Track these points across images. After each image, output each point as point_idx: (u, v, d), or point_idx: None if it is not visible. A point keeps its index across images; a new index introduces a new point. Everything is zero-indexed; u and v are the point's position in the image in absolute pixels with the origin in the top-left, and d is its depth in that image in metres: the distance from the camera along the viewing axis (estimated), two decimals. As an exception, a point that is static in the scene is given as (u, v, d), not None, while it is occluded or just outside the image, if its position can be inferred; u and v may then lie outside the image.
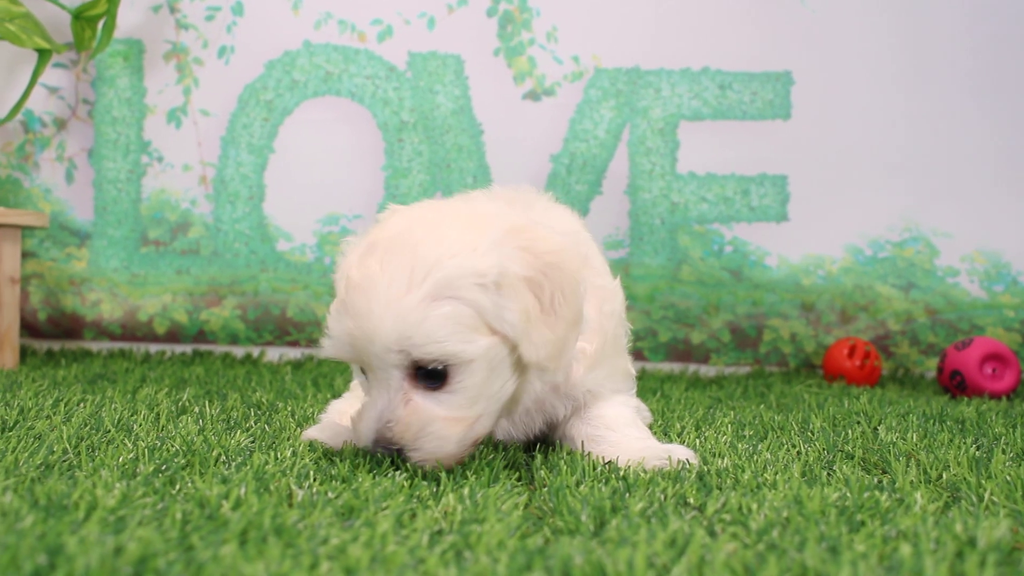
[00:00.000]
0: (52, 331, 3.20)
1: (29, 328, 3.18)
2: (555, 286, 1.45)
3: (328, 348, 1.47)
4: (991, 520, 1.18)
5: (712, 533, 1.13)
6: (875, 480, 1.43)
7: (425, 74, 3.17)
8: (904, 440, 1.77)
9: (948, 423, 2.02)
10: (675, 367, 3.19)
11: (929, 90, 3.18)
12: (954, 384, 2.73)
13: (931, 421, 2.04)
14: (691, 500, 1.28)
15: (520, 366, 1.48)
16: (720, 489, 1.34)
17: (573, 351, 1.57)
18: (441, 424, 1.42)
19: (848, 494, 1.31)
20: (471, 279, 1.40)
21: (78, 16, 2.91)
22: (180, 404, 1.98)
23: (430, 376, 1.42)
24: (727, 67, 3.18)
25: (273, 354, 3.20)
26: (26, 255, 3.13)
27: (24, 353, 2.97)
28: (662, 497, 1.29)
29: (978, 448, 1.71)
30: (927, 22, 3.18)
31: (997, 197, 3.17)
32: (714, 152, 3.17)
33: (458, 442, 1.43)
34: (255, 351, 3.20)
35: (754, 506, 1.23)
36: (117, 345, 3.20)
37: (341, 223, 3.16)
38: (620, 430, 1.61)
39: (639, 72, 3.17)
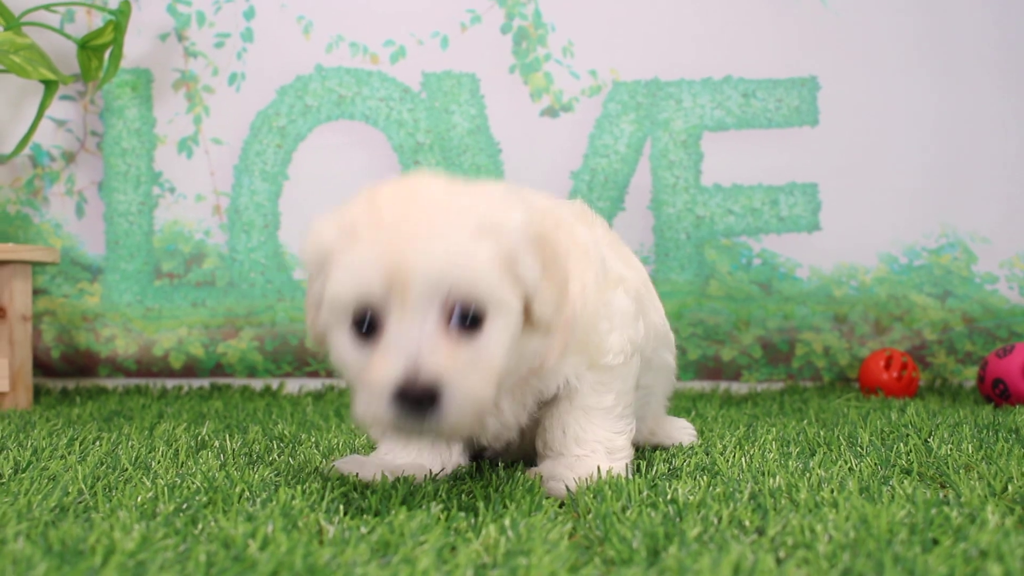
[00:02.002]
0: (66, 369, 3.15)
1: (42, 366, 3.12)
2: (550, 247, 1.38)
3: (345, 281, 1.29)
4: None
5: (778, 559, 1.05)
6: (940, 495, 1.35)
7: (440, 94, 3.12)
8: (960, 452, 1.69)
9: (1002, 433, 1.94)
10: (706, 385, 3.12)
11: (962, 90, 3.12)
12: (997, 393, 2.65)
13: (984, 431, 1.96)
14: (747, 523, 1.20)
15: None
16: (776, 510, 1.26)
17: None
18: (475, 372, 1.28)
19: (914, 511, 1.23)
20: (505, 225, 1.32)
21: (84, 46, 2.87)
22: (199, 439, 1.92)
23: (464, 322, 1.29)
24: (750, 75, 3.12)
25: (293, 385, 3.14)
26: (37, 292, 3.08)
27: (38, 392, 2.92)
28: (716, 520, 1.21)
29: (1040, 458, 1.63)
30: (957, 20, 3.12)
31: (1037, 199, 3.12)
32: (740, 162, 3.11)
33: (486, 399, 1.29)
34: (274, 383, 3.15)
35: (818, 527, 1.15)
36: (133, 381, 3.15)
37: (358, 249, 3.11)
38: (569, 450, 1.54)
39: (659, 83, 3.12)
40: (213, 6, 3.13)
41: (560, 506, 1.35)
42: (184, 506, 1.30)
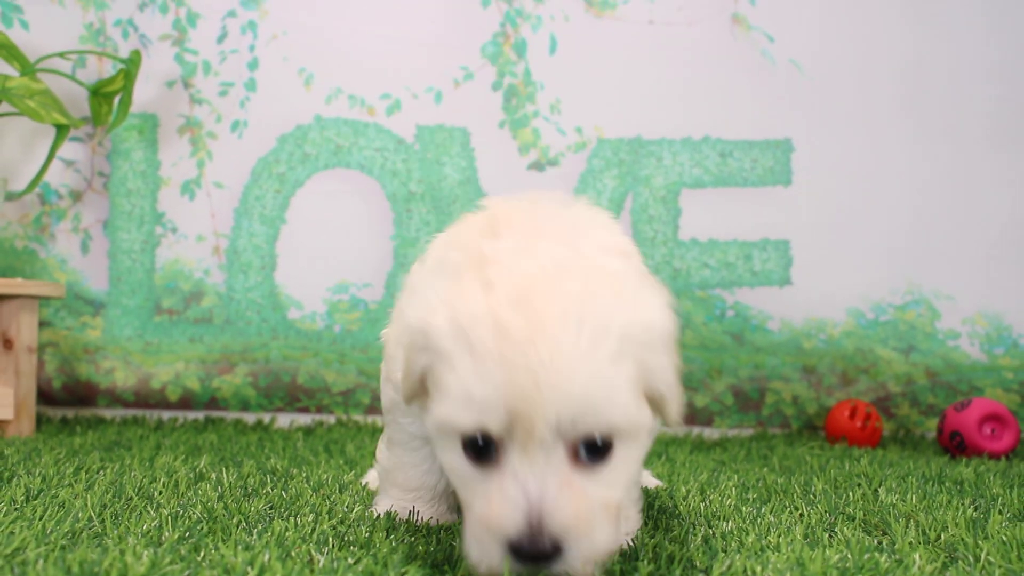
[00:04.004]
0: (67, 399, 3.24)
1: (44, 396, 3.22)
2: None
3: (459, 409, 1.13)
4: (986, 580, 1.23)
5: (718, 595, 1.18)
6: (875, 542, 1.48)
7: (432, 146, 3.25)
8: (904, 502, 1.82)
9: (947, 484, 2.06)
10: (679, 430, 3.22)
11: (929, 154, 3.25)
12: (954, 444, 2.77)
13: (930, 483, 2.08)
14: (698, 563, 1.32)
15: None
16: (725, 552, 1.38)
17: None
18: (602, 513, 1.14)
19: (849, 555, 1.35)
20: (646, 333, 1.18)
21: (96, 92, 2.99)
22: (197, 471, 2.02)
23: (592, 452, 1.15)
24: (728, 136, 3.25)
25: (284, 420, 3.23)
26: (42, 324, 3.18)
27: (39, 420, 3.01)
28: (668, 560, 1.33)
29: (976, 509, 1.75)
30: (927, 87, 3.26)
31: (999, 259, 3.24)
32: (716, 218, 3.24)
33: (613, 546, 1.17)
34: (266, 417, 3.24)
35: (758, 568, 1.27)
36: (130, 412, 3.24)
37: (351, 291, 3.22)
38: None
39: (641, 142, 3.25)
40: (218, 56, 3.25)
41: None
42: (187, 535, 1.41)
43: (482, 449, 1.14)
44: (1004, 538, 1.49)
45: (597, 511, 1.13)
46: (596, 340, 1.11)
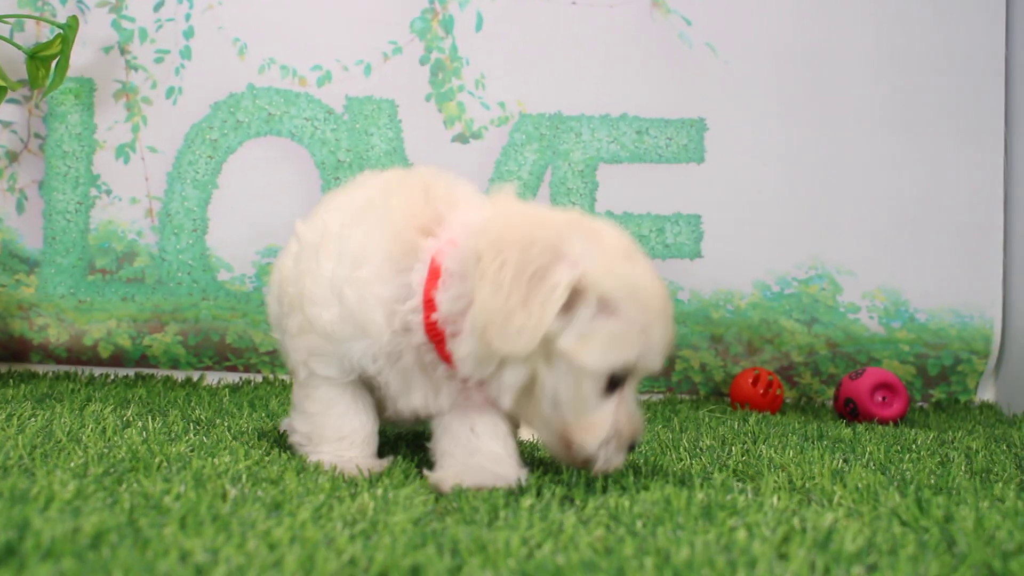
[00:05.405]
0: None
1: (-23, 351, 3.29)
2: None
3: (634, 352, 1.53)
4: (825, 514, 1.38)
5: (585, 523, 1.32)
6: (742, 486, 1.63)
7: (361, 117, 3.35)
8: (780, 455, 1.97)
9: (825, 442, 2.23)
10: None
11: (834, 136, 3.40)
12: (848, 411, 2.94)
13: (809, 440, 2.24)
14: (577, 501, 1.46)
15: None
16: (603, 491, 1.53)
17: None
18: None
19: (713, 495, 1.50)
20: None
21: (33, 56, 3.06)
22: (125, 419, 2.12)
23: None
24: (644, 114, 3.38)
25: (212, 378, 3.33)
26: (-24, 281, 3.25)
27: (-27, 375, 3.10)
28: (550, 496, 1.47)
29: (845, 462, 1.92)
30: (834, 73, 3.40)
31: (899, 238, 3.39)
32: (631, 193, 3.36)
33: None
34: (195, 375, 3.33)
35: (627, 503, 1.42)
36: (62, 368, 3.32)
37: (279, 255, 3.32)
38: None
39: (561, 118, 3.38)
40: (155, 24, 3.32)
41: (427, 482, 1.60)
42: (111, 470, 1.52)
43: (617, 381, 1.55)
44: (859, 485, 1.65)
45: None
46: None
